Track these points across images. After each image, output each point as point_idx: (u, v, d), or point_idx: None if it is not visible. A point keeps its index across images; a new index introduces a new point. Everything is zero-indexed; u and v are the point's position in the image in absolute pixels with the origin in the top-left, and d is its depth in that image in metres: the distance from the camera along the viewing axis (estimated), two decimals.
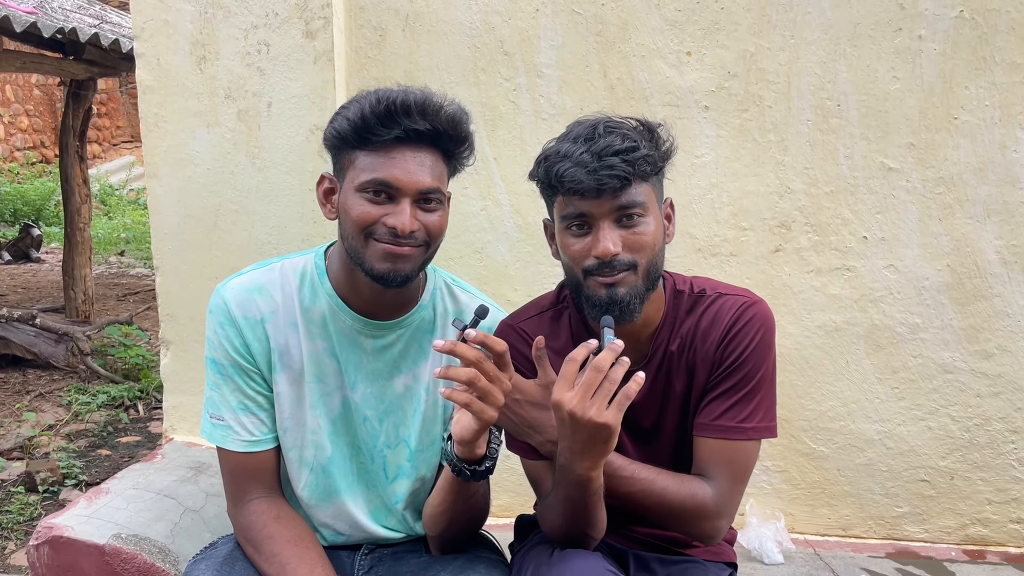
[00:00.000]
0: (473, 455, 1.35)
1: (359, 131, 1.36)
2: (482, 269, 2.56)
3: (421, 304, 1.54)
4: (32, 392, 4.66)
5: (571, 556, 1.40)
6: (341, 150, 1.41)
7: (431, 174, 1.38)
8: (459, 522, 1.50)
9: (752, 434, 1.44)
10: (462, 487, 1.41)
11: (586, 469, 1.29)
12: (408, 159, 1.36)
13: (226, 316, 1.47)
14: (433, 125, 1.37)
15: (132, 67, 2.60)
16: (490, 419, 1.27)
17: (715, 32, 2.40)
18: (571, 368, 1.23)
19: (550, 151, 1.40)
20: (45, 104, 12.81)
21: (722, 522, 1.43)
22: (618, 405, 1.20)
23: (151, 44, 2.50)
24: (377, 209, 1.36)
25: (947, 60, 2.36)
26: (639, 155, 1.34)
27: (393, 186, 1.35)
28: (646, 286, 1.39)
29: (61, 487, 3.51)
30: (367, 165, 1.37)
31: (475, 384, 1.24)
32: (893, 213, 2.44)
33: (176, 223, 2.58)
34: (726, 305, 1.48)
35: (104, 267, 8.52)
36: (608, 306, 1.36)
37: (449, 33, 2.47)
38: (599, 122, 1.38)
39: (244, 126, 2.48)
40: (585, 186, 1.33)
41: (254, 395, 1.49)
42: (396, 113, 1.34)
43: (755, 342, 1.45)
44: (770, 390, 1.47)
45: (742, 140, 2.45)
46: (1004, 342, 2.46)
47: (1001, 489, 2.53)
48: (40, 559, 2.03)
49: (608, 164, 1.32)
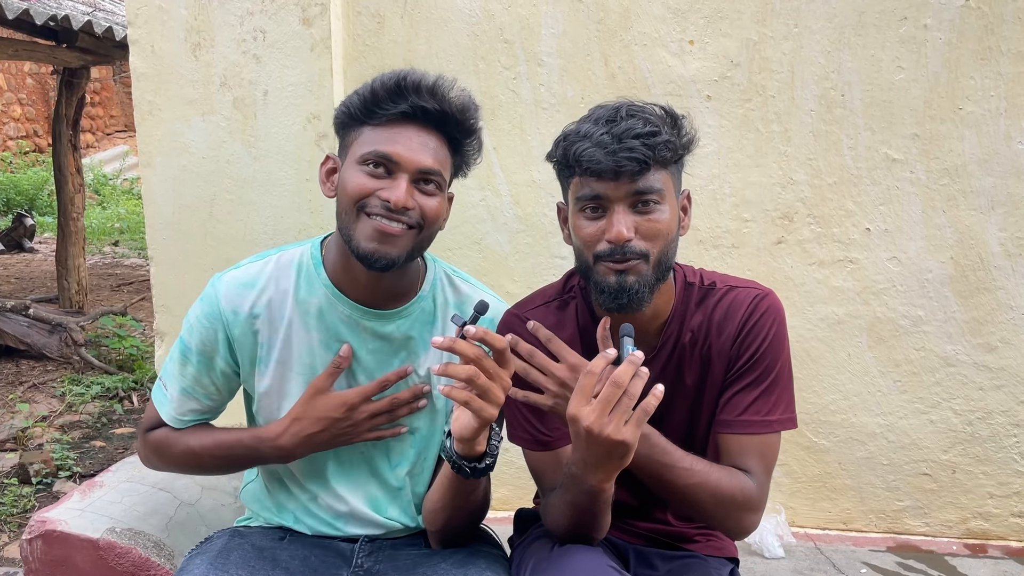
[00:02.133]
0: (473, 452, 1.32)
1: (367, 104, 1.37)
2: (481, 260, 2.53)
3: (421, 294, 1.52)
4: (25, 383, 4.63)
5: (573, 551, 1.38)
6: (348, 127, 1.42)
7: (434, 156, 1.38)
8: (458, 518, 1.48)
9: (777, 426, 1.43)
10: (461, 484, 1.39)
11: (599, 482, 1.27)
12: (412, 137, 1.36)
13: (214, 309, 1.48)
14: (441, 106, 1.36)
15: (126, 55, 2.57)
16: (490, 417, 1.25)
17: (718, 20, 2.37)
18: (589, 381, 1.19)
19: (570, 131, 1.37)
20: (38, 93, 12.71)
21: (760, 515, 1.42)
22: (636, 422, 1.18)
23: (145, 31, 2.46)
24: (374, 182, 1.35)
25: (952, 50, 2.33)
26: (660, 140, 1.31)
27: (393, 160, 1.35)
28: (656, 276, 1.36)
29: (55, 479, 3.48)
30: (370, 139, 1.37)
31: (474, 382, 1.21)
32: (897, 205, 2.41)
33: (171, 213, 2.55)
34: (739, 298, 1.46)
35: (98, 257, 8.47)
36: (617, 293, 1.33)
37: (448, 20, 2.43)
38: (622, 105, 1.35)
39: (240, 114, 2.45)
40: (603, 167, 1.30)
41: (205, 385, 1.54)
42: (405, 89, 1.35)
43: (772, 334, 1.43)
44: (789, 381, 1.47)
45: (745, 130, 2.42)
46: (1007, 335, 2.45)
47: (1003, 483, 2.52)
48: (33, 553, 2.00)
49: (628, 146, 1.29)
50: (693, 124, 1.41)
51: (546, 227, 2.49)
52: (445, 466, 1.40)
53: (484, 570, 1.46)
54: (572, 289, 1.55)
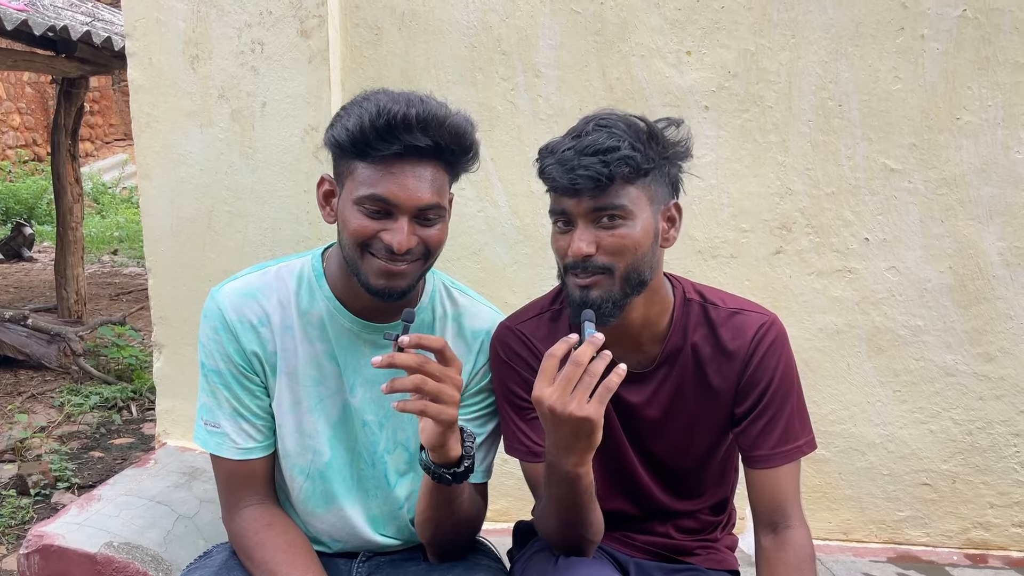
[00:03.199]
0: (448, 458, 1.31)
1: (357, 144, 1.31)
2: (480, 271, 2.53)
3: (420, 307, 1.52)
4: (24, 393, 4.62)
5: (576, 564, 1.38)
6: (340, 157, 1.38)
7: (431, 188, 1.33)
8: (445, 527, 1.46)
9: (806, 449, 1.50)
10: (444, 492, 1.38)
11: (573, 465, 1.27)
12: (407, 175, 1.31)
13: (220, 321, 1.45)
14: (435, 140, 1.31)
15: (124, 65, 2.57)
16: (449, 418, 1.24)
17: (715, 31, 2.38)
18: (551, 364, 1.22)
19: (544, 145, 1.39)
20: (37, 102, 12.73)
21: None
22: (599, 398, 1.19)
23: (143, 43, 2.47)
24: (374, 224, 1.32)
25: (950, 60, 2.33)
26: (618, 156, 1.29)
27: (391, 202, 1.31)
28: (624, 291, 1.35)
29: (53, 489, 3.47)
30: (365, 179, 1.32)
31: (423, 389, 1.21)
32: (895, 214, 2.41)
33: (169, 224, 2.55)
34: (745, 325, 1.46)
35: (97, 266, 8.47)
36: (580, 306, 1.34)
37: (446, 32, 2.44)
38: (593, 118, 1.35)
39: (238, 126, 2.45)
40: (560, 184, 1.32)
41: (249, 403, 1.47)
42: (396, 128, 1.28)
43: (782, 362, 1.46)
44: (803, 402, 1.52)
45: (743, 141, 2.42)
46: (1007, 345, 2.44)
47: (1003, 493, 2.52)
48: (31, 568, 2.00)
49: (584, 164, 1.29)
50: (687, 132, 1.39)
51: (544, 238, 2.48)
52: (426, 477, 1.38)
53: None
54: (563, 300, 1.54)
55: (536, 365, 1.47)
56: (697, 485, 1.59)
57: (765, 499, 1.47)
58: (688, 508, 1.60)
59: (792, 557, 1.43)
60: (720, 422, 1.51)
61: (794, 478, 1.48)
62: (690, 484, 1.58)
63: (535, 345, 1.49)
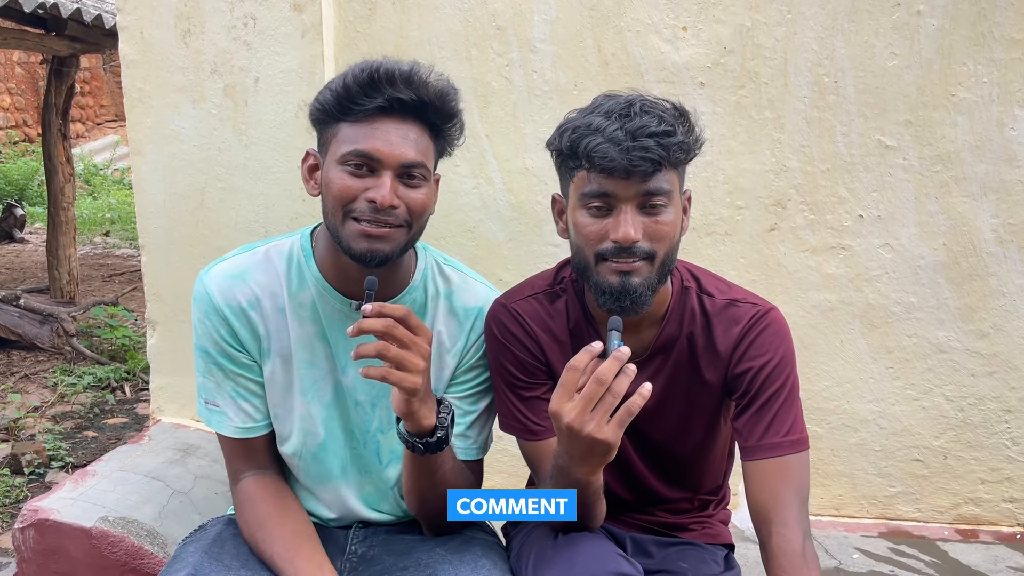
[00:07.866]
0: (422, 427, 1.32)
1: (342, 100, 1.33)
2: (474, 248, 2.52)
3: (412, 286, 1.51)
4: (17, 373, 4.61)
5: (578, 540, 1.38)
6: (325, 123, 1.39)
7: (415, 147, 1.34)
8: (429, 500, 1.46)
9: (799, 446, 1.39)
10: (422, 463, 1.38)
11: (584, 475, 1.27)
12: (391, 131, 1.33)
13: (209, 305, 1.45)
14: (419, 95, 1.33)
15: (115, 44, 2.55)
16: (412, 385, 1.24)
17: (711, 7, 2.36)
18: (571, 377, 1.17)
19: (578, 122, 1.32)
20: (27, 82, 12.61)
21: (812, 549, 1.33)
22: (619, 421, 1.16)
23: (134, 17, 2.44)
24: (358, 183, 1.33)
25: (946, 36, 2.33)
26: (675, 140, 1.28)
27: (375, 158, 1.32)
28: (659, 278, 1.34)
29: (47, 469, 3.47)
30: (349, 136, 1.33)
31: (385, 356, 1.22)
32: (889, 191, 2.41)
33: (161, 201, 2.54)
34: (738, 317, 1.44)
35: (89, 247, 8.42)
36: (619, 295, 1.30)
37: (440, 7, 2.42)
38: (635, 100, 1.31)
39: (231, 102, 2.43)
40: (615, 164, 1.26)
41: (245, 382, 1.48)
42: (379, 81, 1.30)
43: (772, 352, 1.43)
44: (797, 400, 1.44)
45: (738, 117, 2.41)
46: (999, 321, 2.45)
47: (994, 469, 2.53)
48: (25, 542, 2.00)
49: (643, 145, 1.25)
50: (700, 122, 1.39)
51: (539, 215, 2.49)
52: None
53: (480, 557, 1.46)
54: (563, 281, 1.52)
55: (531, 345, 1.47)
56: (692, 473, 1.59)
57: (752, 496, 1.39)
58: (682, 496, 1.61)
59: (776, 569, 1.30)
60: (714, 412, 1.51)
61: (783, 477, 1.36)
62: (685, 472, 1.58)
63: (530, 325, 1.48)
